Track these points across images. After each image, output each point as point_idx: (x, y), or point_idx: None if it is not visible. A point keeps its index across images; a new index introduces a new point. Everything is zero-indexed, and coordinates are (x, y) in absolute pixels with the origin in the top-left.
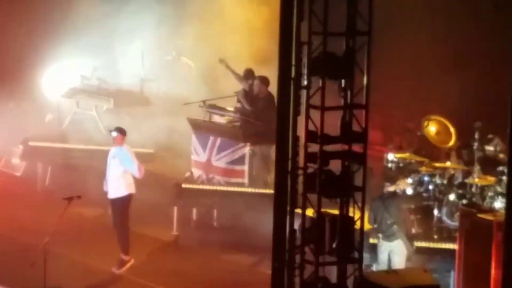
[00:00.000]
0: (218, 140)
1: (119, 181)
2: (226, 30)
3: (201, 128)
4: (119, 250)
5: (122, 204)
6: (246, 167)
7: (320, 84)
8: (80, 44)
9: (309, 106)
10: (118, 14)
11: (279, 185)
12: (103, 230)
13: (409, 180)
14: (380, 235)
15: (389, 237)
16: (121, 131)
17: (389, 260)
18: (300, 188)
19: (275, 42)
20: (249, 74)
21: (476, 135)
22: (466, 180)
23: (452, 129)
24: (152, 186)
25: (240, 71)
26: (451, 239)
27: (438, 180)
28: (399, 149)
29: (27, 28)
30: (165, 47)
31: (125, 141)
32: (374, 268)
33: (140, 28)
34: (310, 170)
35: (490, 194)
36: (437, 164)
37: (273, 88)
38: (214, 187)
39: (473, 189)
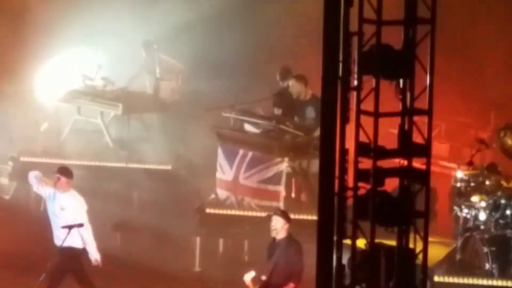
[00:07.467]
0: (249, 154)
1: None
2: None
3: (229, 139)
4: None
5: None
6: (282, 188)
7: (374, 85)
8: (81, 36)
9: (360, 112)
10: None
11: (324, 210)
12: (110, 266)
13: (482, 204)
14: None
15: None
16: (67, 173)
17: None
18: (349, 213)
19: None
20: (285, 74)
21: None
22: None
23: None
24: (169, 211)
25: (276, 70)
26: None
27: None
28: (469, 165)
29: (15, 15)
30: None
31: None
32: None
33: (154, 16)
34: (361, 192)
35: None
36: None
37: (314, 89)
38: (245, 213)
39: None
